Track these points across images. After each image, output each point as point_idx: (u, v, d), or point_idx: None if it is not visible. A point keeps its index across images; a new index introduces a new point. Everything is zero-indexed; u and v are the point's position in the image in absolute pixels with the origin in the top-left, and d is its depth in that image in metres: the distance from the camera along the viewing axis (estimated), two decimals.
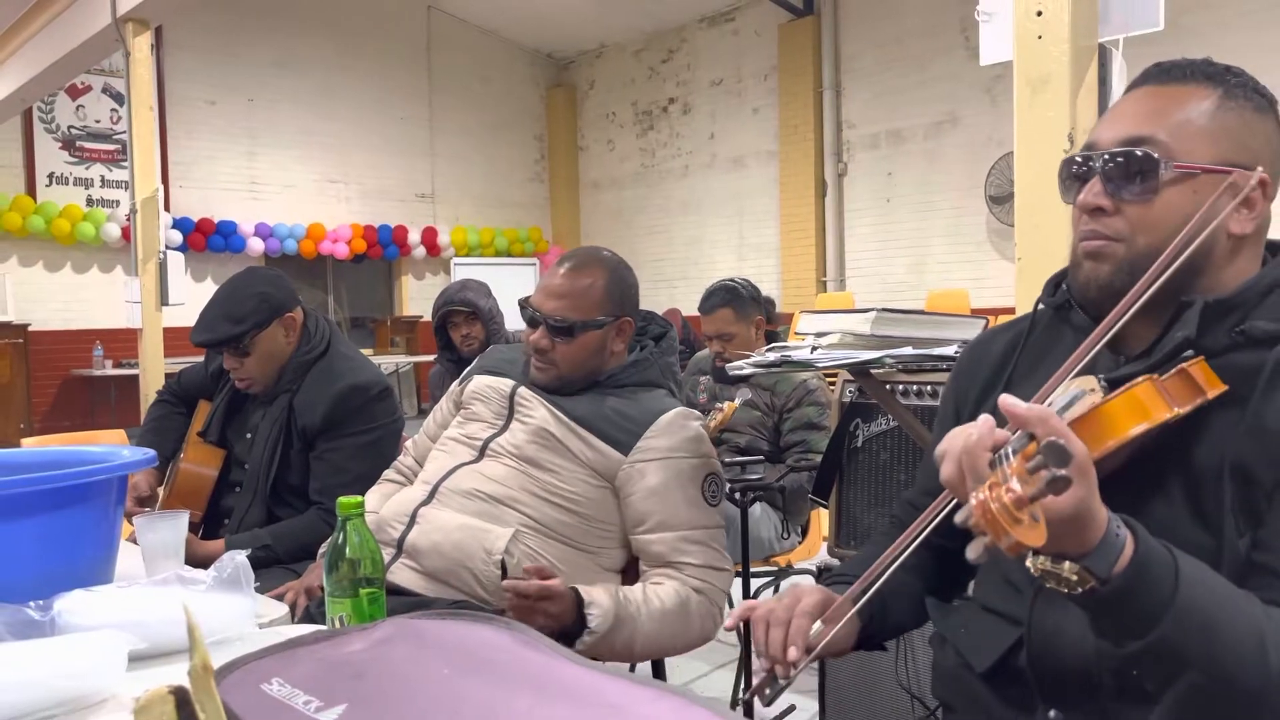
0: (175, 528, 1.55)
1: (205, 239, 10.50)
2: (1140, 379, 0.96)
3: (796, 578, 3.11)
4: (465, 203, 12.63)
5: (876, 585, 1.10)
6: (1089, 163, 1.07)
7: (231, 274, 2.45)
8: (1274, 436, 0.96)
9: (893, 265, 10.08)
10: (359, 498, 1.27)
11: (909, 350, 1.90)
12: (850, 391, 2.27)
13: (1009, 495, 0.80)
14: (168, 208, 9.99)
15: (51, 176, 9.79)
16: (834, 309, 2.27)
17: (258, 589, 1.35)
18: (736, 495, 2.71)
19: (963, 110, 9.38)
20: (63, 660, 1.01)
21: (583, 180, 13.33)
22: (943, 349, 1.89)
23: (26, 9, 6.45)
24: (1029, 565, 0.88)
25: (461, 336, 3.54)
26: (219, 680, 0.84)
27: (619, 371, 1.86)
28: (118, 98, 9.89)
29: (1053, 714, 1.05)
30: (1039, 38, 1.98)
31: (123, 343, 9.33)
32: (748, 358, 2.13)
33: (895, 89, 9.90)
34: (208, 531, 2.37)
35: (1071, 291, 1.12)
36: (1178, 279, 1.01)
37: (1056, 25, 1.96)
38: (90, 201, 9.97)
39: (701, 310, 3.31)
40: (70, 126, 9.89)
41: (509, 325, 3.66)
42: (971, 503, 0.82)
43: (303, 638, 0.99)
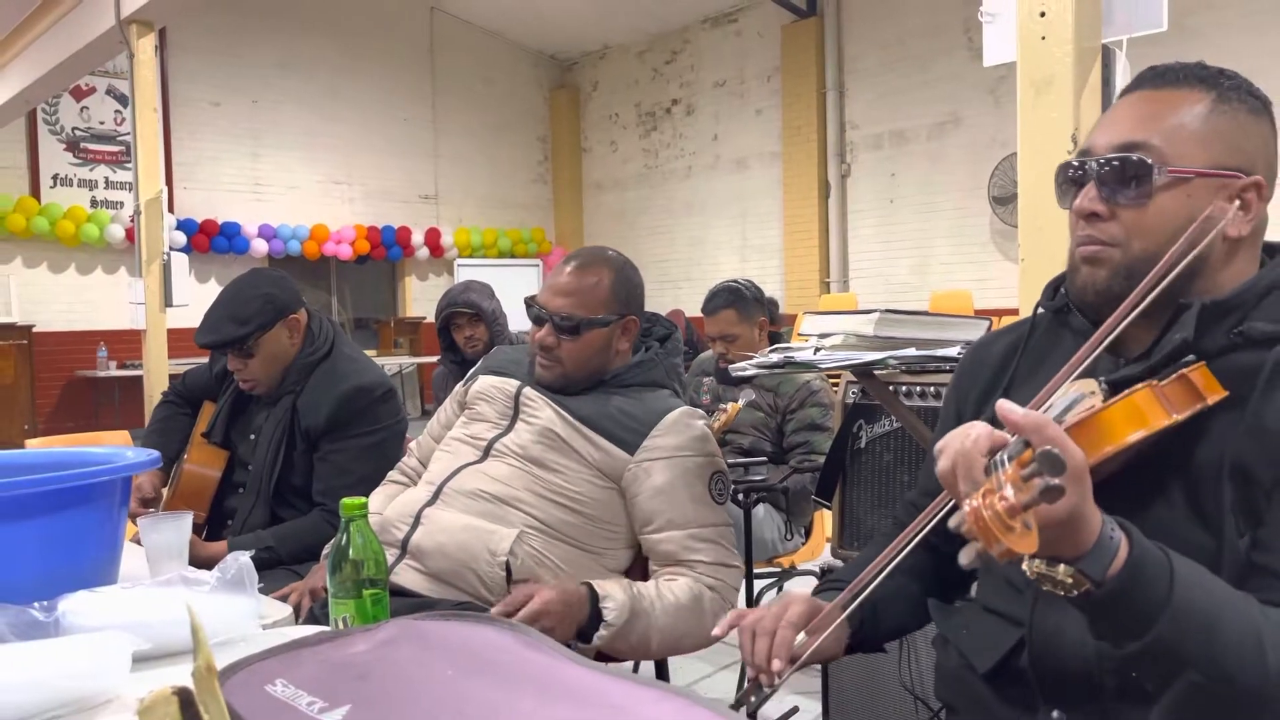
0: (179, 529, 1.55)
1: (209, 240, 10.52)
2: (1140, 386, 0.97)
3: (800, 579, 3.11)
4: (469, 204, 12.63)
5: (863, 595, 1.11)
6: (1084, 168, 1.08)
7: (235, 275, 2.46)
8: (1273, 436, 0.96)
9: (896, 266, 10.07)
10: (363, 499, 1.27)
11: (912, 351, 1.90)
12: (853, 393, 2.27)
13: (1002, 503, 0.80)
14: (172, 209, 10.00)
15: (56, 178, 9.81)
16: (837, 310, 2.27)
17: (261, 590, 1.35)
18: (740, 496, 2.71)
19: (966, 111, 9.37)
20: (67, 661, 1.01)
21: (586, 181, 13.33)
22: (946, 350, 1.89)
23: (31, 11, 6.46)
24: (1024, 568, 0.89)
25: (465, 338, 3.54)
26: (223, 681, 0.84)
27: (624, 371, 1.86)
28: (122, 99, 9.91)
29: (1055, 714, 1.05)
30: (1042, 38, 1.98)
31: (127, 344, 9.35)
32: (751, 359, 2.13)
33: (898, 90, 9.89)
34: (211, 533, 2.38)
35: (1069, 296, 1.13)
36: (1175, 282, 1.01)
37: (1060, 26, 1.95)
38: (94, 203, 9.99)
39: (705, 311, 3.31)
40: (75, 128, 9.91)
41: (512, 326, 3.66)
42: (964, 509, 0.83)
43: (306, 639, 0.99)
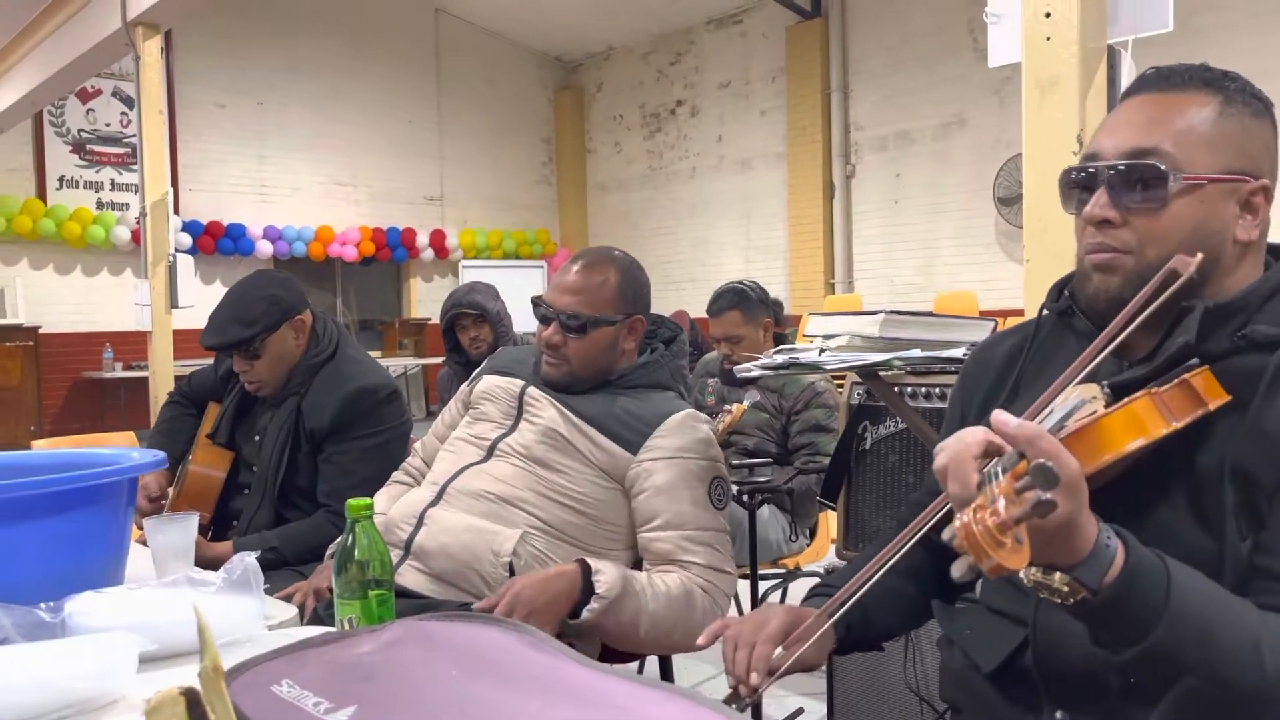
0: (185, 530, 1.55)
1: (215, 242, 10.54)
2: (1140, 393, 0.96)
3: (804, 580, 3.11)
4: (473, 205, 12.64)
5: (847, 605, 1.12)
6: (1093, 173, 1.07)
7: (241, 277, 2.46)
8: (1275, 440, 0.96)
9: (901, 267, 10.06)
10: (368, 500, 1.27)
11: (917, 353, 1.90)
12: (858, 394, 2.27)
13: (993, 519, 0.80)
14: (177, 211, 9.93)
15: (62, 180, 9.83)
16: (842, 311, 2.27)
17: (266, 591, 1.35)
18: (745, 497, 2.71)
19: (971, 112, 9.35)
20: (73, 661, 1.02)
21: (590, 183, 13.33)
22: (951, 351, 1.89)
23: (37, 13, 6.48)
24: (1022, 576, 0.89)
25: (470, 339, 3.55)
26: (229, 682, 0.84)
27: (630, 372, 1.86)
28: (128, 101, 9.94)
29: (1059, 714, 1.05)
30: (1048, 39, 1.98)
31: (132, 345, 9.36)
32: (756, 360, 2.13)
33: (903, 90, 9.88)
34: (216, 534, 2.38)
35: (1080, 303, 1.12)
36: (1188, 286, 1.01)
37: (1065, 27, 1.95)
38: (100, 205, 10.02)
39: (709, 313, 3.31)
40: (81, 130, 9.94)
41: (517, 328, 3.67)
42: (956, 524, 0.82)
43: (312, 639, 1.00)
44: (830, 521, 3.05)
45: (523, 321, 3.10)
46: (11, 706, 0.96)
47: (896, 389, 2.11)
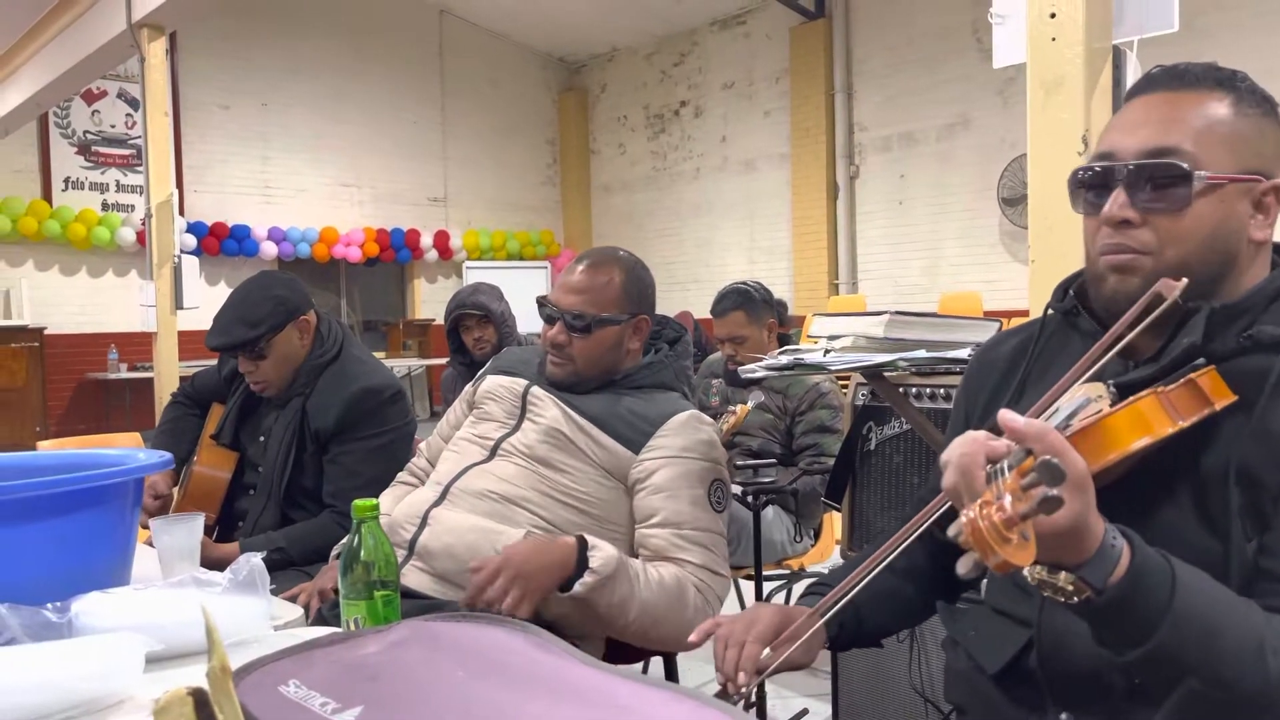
0: (191, 531, 1.55)
1: (219, 243, 10.56)
2: (1146, 392, 0.96)
3: (809, 581, 3.11)
4: (477, 206, 12.66)
5: (838, 605, 1.12)
6: (1109, 173, 1.05)
7: (245, 278, 2.47)
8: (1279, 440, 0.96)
9: (905, 268, 10.05)
10: (374, 500, 1.27)
11: (922, 353, 1.90)
12: (863, 394, 2.27)
13: (999, 515, 0.80)
14: (182, 212, 10.03)
15: (67, 181, 9.86)
16: (846, 312, 2.27)
17: (272, 591, 1.35)
18: (749, 498, 2.71)
19: (975, 112, 9.35)
20: (80, 662, 1.02)
21: (594, 183, 13.34)
22: (956, 352, 1.89)
23: (42, 15, 6.50)
24: (1026, 574, 0.89)
25: (474, 340, 3.55)
26: (236, 682, 0.85)
27: (634, 372, 1.87)
28: (133, 103, 9.96)
29: (1064, 716, 1.05)
30: (1053, 40, 1.97)
31: (138, 346, 9.39)
32: (760, 361, 2.13)
33: (907, 91, 9.88)
34: (222, 534, 2.38)
35: (1094, 304, 1.11)
36: (1204, 288, 1.01)
37: (1070, 27, 1.95)
38: (105, 206, 10.05)
39: (713, 313, 3.31)
40: (86, 131, 9.97)
41: (521, 328, 3.67)
42: (962, 520, 0.82)
43: (319, 640, 1.00)
44: (835, 522, 3.04)
45: (527, 322, 3.10)
46: (18, 707, 0.96)
47: (901, 390, 2.11)
